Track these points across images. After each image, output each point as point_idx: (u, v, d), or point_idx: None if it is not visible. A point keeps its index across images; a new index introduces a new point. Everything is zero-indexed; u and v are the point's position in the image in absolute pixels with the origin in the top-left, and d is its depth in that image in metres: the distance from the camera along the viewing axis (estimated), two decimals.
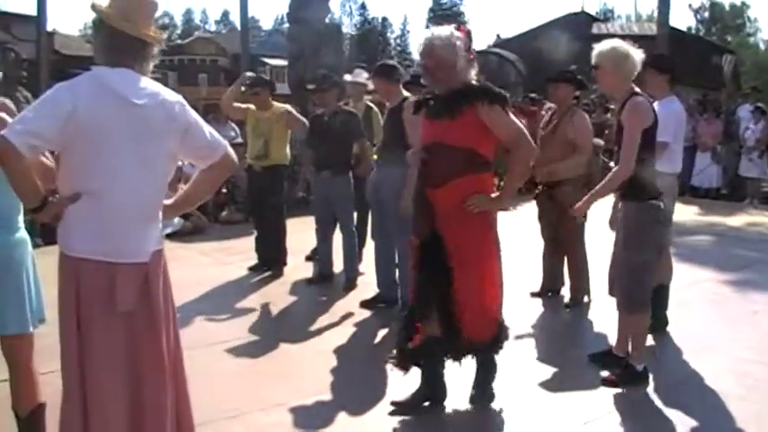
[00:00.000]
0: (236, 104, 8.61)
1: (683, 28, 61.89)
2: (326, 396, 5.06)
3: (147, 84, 3.21)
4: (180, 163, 3.73)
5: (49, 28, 44.65)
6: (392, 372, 5.16)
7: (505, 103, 4.55)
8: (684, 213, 11.76)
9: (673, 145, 6.15)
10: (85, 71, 3.22)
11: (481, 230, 4.66)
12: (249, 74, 9.11)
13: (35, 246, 3.99)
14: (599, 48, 5.21)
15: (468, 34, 4.65)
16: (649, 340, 5.56)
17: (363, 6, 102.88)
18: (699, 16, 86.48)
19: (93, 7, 3.17)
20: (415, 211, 4.88)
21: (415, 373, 4.95)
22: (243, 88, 8.57)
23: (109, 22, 3.13)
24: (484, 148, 4.56)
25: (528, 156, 4.67)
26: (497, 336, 4.83)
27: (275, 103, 8.70)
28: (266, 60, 52.38)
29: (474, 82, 4.63)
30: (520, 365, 5.60)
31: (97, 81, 3.09)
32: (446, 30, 4.61)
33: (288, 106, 8.91)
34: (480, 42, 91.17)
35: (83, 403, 3.11)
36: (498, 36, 64.45)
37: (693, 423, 4.63)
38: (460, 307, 4.60)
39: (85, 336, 3.10)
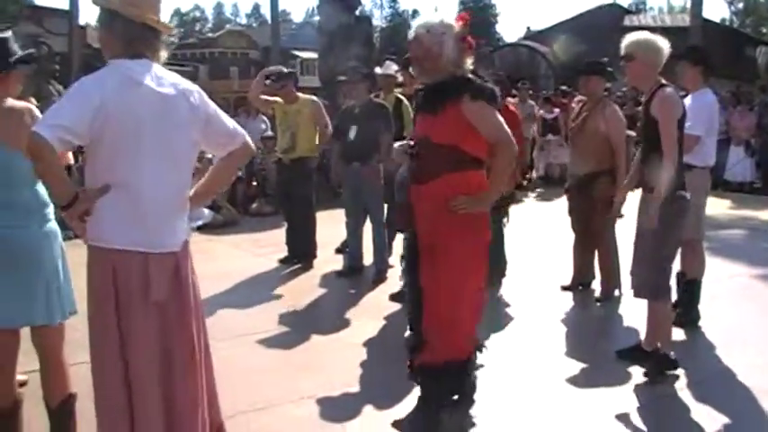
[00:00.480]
0: (264, 97, 8.62)
1: (717, 19, 61.27)
2: (355, 389, 5.08)
3: (166, 74, 3.23)
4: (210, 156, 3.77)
5: (82, 21, 45.12)
6: None
7: (490, 99, 4.23)
8: (717, 207, 11.66)
9: (705, 138, 6.07)
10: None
11: (461, 234, 4.26)
12: (271, 68, 9.12)
13: (66, 238, 4.02)
14: (630, 38, 5.17)
15: (466, 22, 4.35)
16: (681, 335, 5.55)
17: None
18: (733, 8, 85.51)
19: (96, 1, 3.18)
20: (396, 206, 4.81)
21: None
22: (268, 82, 8.58)
23: (116, 8, 3.13)
24: (470, 145, 4.25)
25: (508, 158, 4.29)
26: (457, 368, 4.43)
27: (301, 95, 8.72)
28: (297, 53, 52.46)
29: (467, 74, 4.31)
30: (549, 359, 5.62)
31: (121, 73, 3.09)
32: (436, 18, 4.35)
33: (314, 97, 8.93)
34: (511, 35, 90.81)
35: (126, 395, 3.13)
36: (528, 29, 64.13)
37: (724, 419, 4.59)
38: (425, 316, 4.35)
39: (125, 327, 3.11)
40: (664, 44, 5.09)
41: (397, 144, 4.66)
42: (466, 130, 4.20)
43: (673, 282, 5.35)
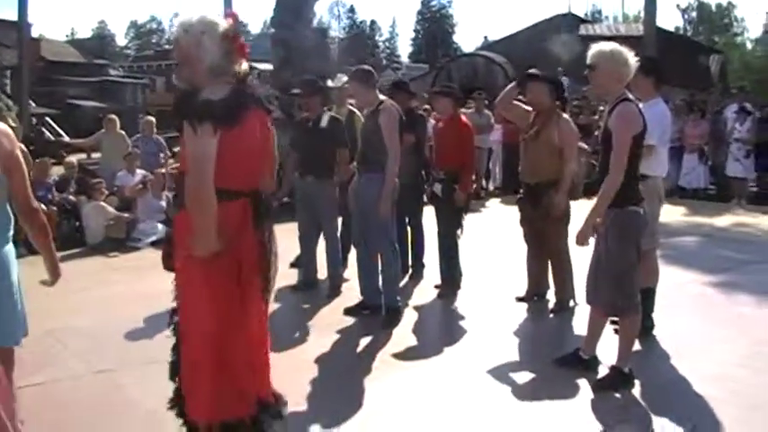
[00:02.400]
0: None
1: (671, 28, 62.22)
2: (302, 407, 4.99)
3: None
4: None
5: (36, 34, 44.71)
6: (371, 383, 5.11)
7: (198, 120, 3.39)
8: (672, 214, 11.75)
9: (658, 147, 6.09)
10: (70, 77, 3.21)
11: (188, 280, 3.65)
12: None
13: (19, 255, 3.92)
14: (597, 48, 5.15)
15: (235, 20, 3.70)
16: (635, 344, 5.52)
17: (352, 10, 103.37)
18: (686, 16, 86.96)
19: None
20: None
21: (397, 385, 4.89)
22: None
23: None
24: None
25: (189, 192, 3.48)
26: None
27: None
28: (255, 65, 52.27)
29: (224, 84, 3.58)
30: (504, 371, 5.61)
31: None
32: (196, 16, 3.60)
33: None
34: (468, 45, 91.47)
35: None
36: (486, 38, 64.55)
37: (678, 428, 4.59)
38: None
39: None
40: (629, 57, 5.08)
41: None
42: None
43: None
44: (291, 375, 5.52)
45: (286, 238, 8.69)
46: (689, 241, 10.82)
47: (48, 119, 16.48)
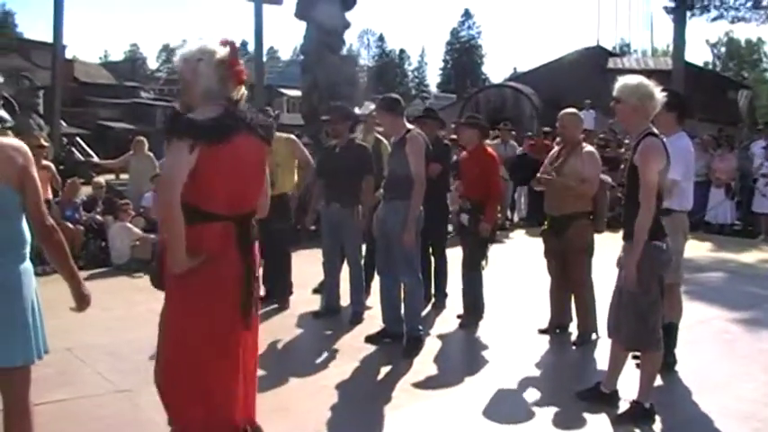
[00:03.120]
0: None
1: (700, 63, 62.06)
2: None
3: None
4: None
5: (70, 55, 45.34)
6: (391, 412, 5.11)
7: (175, 136, 3.50)
8: (697, 250, 11.68)
9: (683, 183, 6.06)
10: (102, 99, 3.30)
11: (169, 297, 3.83)
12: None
13: (38, 274, 3.95)
14: (624, 81, 5.15)
15: (233, 48, 3.78)
16: (658, 380, 5.49)
17: (381, 38, 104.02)
18: (715, 51, 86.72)
19: None
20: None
21: (417, 414, 4.87)
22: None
23: None
24: (190, 196, 3.55)
25: (159, 208, 3.90)
26: None
27: (276, 134, 8.72)
28: (283, 91, 52.67)
29: (217, 107, 3.66)
30: (524, 404, 5.58)
31: None
32: (196, 45, 3.77)
33: (290, 135, 8.92)
34: (497, 75, 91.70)
35: None
36: (515, 69, 64.67)
37: None
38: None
39: None
40: (656, 90, 5.07)
41: None
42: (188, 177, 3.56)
43: None
44: (312, 401, 5.57)
45: (310, 264, 8.82)
46: (714, 277, 10.74)
47: (78, 139, 16.68)
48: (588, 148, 7.17)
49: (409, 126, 7.01)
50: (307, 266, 9.04)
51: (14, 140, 3.72)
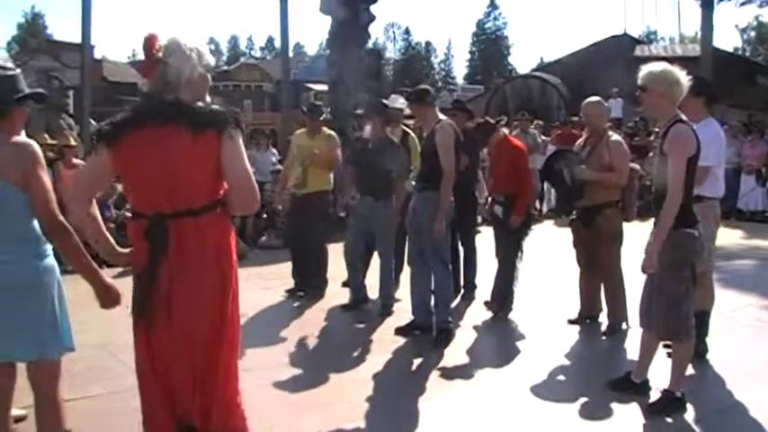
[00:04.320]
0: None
1: (730, 48, 61.36)
2: (360, 424, 5.04)
3: None
4: None
5: (98, 55, 45.68)
6: (423, 403, 5.13)
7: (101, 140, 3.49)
8: (729, 237, 11.59)
9: (714, 169, 6.04)
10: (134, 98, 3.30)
11: None
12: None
13: (67, 272, 4.01)
14: (648, 69, 5.12)
15: (146, 38, 3.52)
16: (689, 368, 5.46)
17: (407, 31, 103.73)
18: (745, 36, 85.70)
19: None
20: None
21: (448, 405, 4.88)
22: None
23: None
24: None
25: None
26: None
27: (324, 130, 8.81)
28: (310, 86, 52.71)
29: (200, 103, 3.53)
30: (555, 394, 5.57)
31: None
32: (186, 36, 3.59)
33: (333, 133, 8.97)
34: (524, 66, 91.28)
35: None
36: (541, 59, 64.30)
37: None
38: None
39: None
40: (681, 76, 5.04)
41: None
42: None
43: None
44: (346, 392, 5.61)
45: (339, 257, 8.84)
46: (746, 264, 10.67)
47: None
48: (615, 137, 7.14)
49: (441, 116, 7.02)
50: (336, 260, 9.07)
51: (21, 139, 3.75)
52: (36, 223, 3.72)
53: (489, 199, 8.12)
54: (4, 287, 3.62)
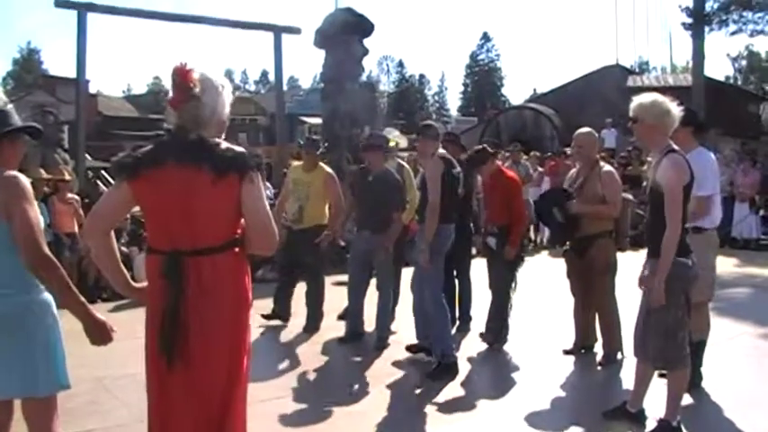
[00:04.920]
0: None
1: (721, 77, 61.76)
2: None
3: None
4: None
5: (93, 90, 45.78)
6: None
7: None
8: (724, 265, 11.52)
9: (713, 197, 6.08)
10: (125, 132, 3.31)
11: None
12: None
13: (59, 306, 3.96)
14: (639, 100, 5.17)
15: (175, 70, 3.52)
16: (686, 398, 5.46)
17: (401, 64, 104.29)
18: (736, 65, 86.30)
19: None
20: None
21: None
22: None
23: None
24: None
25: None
26: None
27: (320, 165, 8.80)
28: (305, 119, 52.91)
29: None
30: (551, 424, 5.58)
31: None
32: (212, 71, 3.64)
33: (330, 170, 8.94)
34: (518, 97, 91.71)
35: None
36: (535, 90, 64.63)
37: None
38: None
39: None
40: (672, 106, 5.08)
41: None
42: None
43: None
44: (341, 427, 5.60)
45: (333, 290, 8.86)
46: (741, 292, 10.69)
47: (103, 172, 16.82)
48: (607, 167, 7.18)
49: (440, 151, 7.11)
50: (330, 293, 9.07)
51: (8, 172, 3.69)
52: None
53: (483, 230, 8.14)
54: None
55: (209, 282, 3.37)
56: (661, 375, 5.61)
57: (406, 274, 8.14)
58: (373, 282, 8.27)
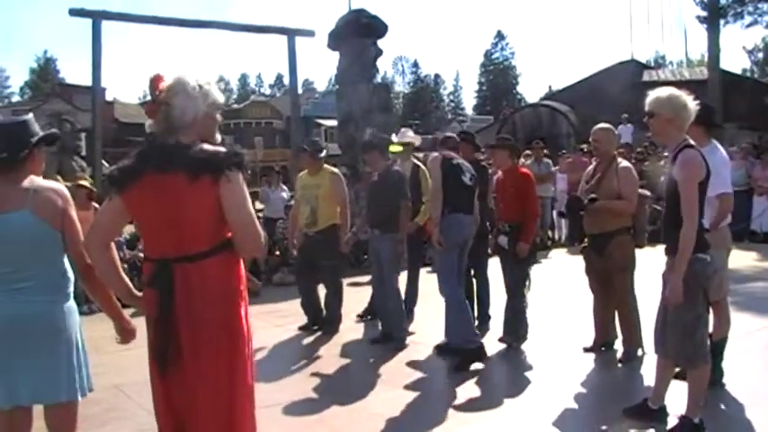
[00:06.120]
0: None
1: (738, 70, 61.34)
2: None
3: None
4: None
5: (110, 97, 46.13)
6: None
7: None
8: (742, 260, 11.54)
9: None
10: (142, 138, 3.35)
11: None
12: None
13: (84, 313, 4.05)
14: (655, 95, 5.13)
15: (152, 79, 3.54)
16: (706, 394, 5.42)
17: (416, 64, 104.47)
18: (753, 57, 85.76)
19: None
20: None
21: None
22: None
23: None
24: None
25: None
26: None
27: (325, 167, 8.83)
28: (320, 121, 53.08)
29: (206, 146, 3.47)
30: (572, 422, 5.56)
31: None
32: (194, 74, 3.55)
33: (336, 170, 9.00)
34: (533, 94, 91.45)
35: None
36: (550, 87, 64.45)
37: None
38: None
39: None
40: (688, 101, 5.04)
41: None
42: None
43: None
44: (359, 429, 5.59)
45: (352, 292, 8.87)
46: (760, 287, 10.58)
47: None
48: (624, 163, 7.14)
49: (452, 154, 7.32)
50: (348, 294, 9.08)
51: (54, 183, 3.87)
52: (66, 265, 3.78)
53: (494, 229, 8.10)
54: (28, 329, 3.64)
55: (198, 288, 3.36)
56: (675, 377, 5.55)
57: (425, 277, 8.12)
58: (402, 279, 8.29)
